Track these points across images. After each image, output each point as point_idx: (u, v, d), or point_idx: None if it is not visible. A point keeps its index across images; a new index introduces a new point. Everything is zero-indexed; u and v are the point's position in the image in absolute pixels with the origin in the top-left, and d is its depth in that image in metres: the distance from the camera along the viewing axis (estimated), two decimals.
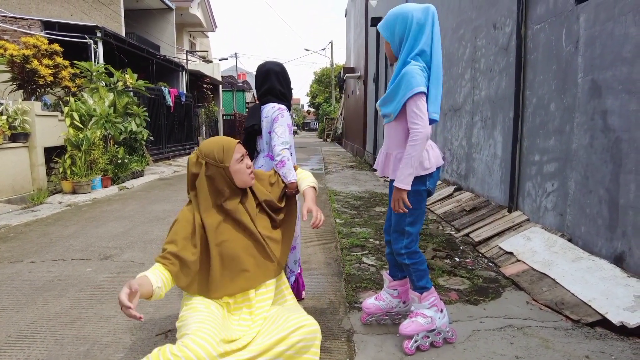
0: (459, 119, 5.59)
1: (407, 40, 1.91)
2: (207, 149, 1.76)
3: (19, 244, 3.98)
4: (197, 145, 16.64)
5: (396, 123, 1.98)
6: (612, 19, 2.76)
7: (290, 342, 1.54)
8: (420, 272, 2.02)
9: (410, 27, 1.89)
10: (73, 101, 7.10)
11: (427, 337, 2.04)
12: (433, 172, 1.98)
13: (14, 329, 2.29)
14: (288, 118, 2.31)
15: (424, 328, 2.01)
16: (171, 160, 12.17)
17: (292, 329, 1.56)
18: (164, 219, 4.98)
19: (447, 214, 4.79)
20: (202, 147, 1.79)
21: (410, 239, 2.00)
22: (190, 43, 21.68)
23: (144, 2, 14.89)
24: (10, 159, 5.99)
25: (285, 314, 1.65)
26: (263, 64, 2.48)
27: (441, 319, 2.05)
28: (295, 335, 1.55)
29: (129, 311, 1.35)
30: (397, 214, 1.97)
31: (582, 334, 2.20)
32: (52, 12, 12.17)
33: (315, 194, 1.98)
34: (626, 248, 2.60)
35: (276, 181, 2.00)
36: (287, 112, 2.33)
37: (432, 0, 6.62)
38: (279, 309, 1.76)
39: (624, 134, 2.65)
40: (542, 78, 3.59)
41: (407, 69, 1.86)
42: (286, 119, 2.29)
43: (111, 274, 3.15)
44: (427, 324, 2.01)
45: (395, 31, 1.93)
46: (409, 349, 2.01)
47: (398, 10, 1.93)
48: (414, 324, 2.01)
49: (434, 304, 2.04)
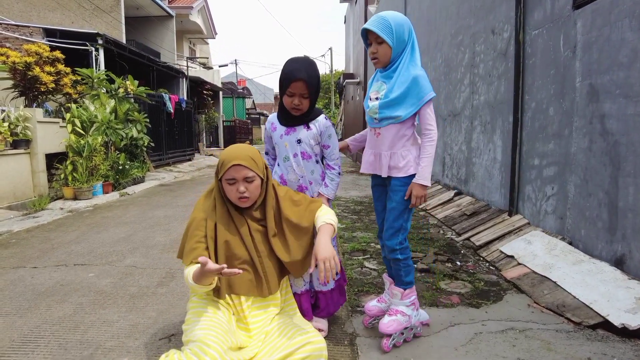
0: (458, 124, 5.62)
1: (410, 47, 1.99)
2: (221, 153, 1.76)
3: (21, 249, 3.99)
4: (198, 152, 16.70)
5: (399, 125, 2.02)
6: (608, 24, 2.80)
7: (296, 359, 1.55)
8: (409, 267, 2.10)
9: (412, 36, 2.00)
10: (74, 108, 7.14)
11: (402, 334, 2.12)
12: None
13: (18, 333, 2.30)
14: (265, 129, 2.23)
15: (403, 326, 2.08)
16: (172, 166, 12.20)
17: (299, 345, 1.56)
18: (165, 224, 4.99)
19: (448, 218, 4.81)
20: (226, 149, 1.78)
21: (405, 235, 2.07)
22: (191, 50, 21.79)
23: (144, 10, 15.00)
24: (12, 166, 6.01)
25: (293, 328, 1.64)
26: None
27: (416, 317, 2.15)
28: (301, 352, 1.55)
29: (225, 271, 1.43)
30: (397, 211, 2.04)
31: (584, 336, 2.21)
32: (53, 19, 12.25)
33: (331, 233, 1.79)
34: (626, 251, 2.62)
35: (299, 199, 1.95)
36: (266, 124, 2.23)
37: (431, 7, 6.63)
38: (285, 320, 1.75)
39: (622, 138, 2.68)
40: (540, 83, 3.63)
41: (420, 74, 1.95)
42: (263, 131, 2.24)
43: (113, 279, 3.16)
44: (405, 322, 2.08)
45: (402, 37, 1.96)
46: (387, 346, 2.06)
47: (401, 18, 1.98)
48: (395, 323, 2.05)
49: (414, 302, 2.14)
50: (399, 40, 1.96)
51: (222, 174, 1.69)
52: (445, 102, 6.13)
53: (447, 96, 6.08)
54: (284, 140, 2.12)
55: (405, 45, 1.98)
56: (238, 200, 1.71)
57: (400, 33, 1.95)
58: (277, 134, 2.14)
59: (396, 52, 1.98)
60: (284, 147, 2.13)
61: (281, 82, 2.01)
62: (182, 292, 2.87)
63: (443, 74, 6.25)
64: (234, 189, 1.69)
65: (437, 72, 6.53)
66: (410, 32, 1.99)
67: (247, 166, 1.68)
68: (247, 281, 1.72)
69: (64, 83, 7.37)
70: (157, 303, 2.69)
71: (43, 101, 7.48)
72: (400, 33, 1.95)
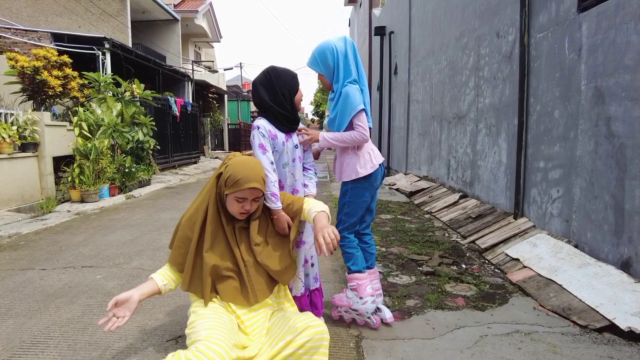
0: (463, 127, 5.62)
1: (337, 68, 2.24)
2: (232, 166, 1.71)
3: (30, 251, 4.04)
4: (203, 154, 16.78)
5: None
6: (613, 27, 2.80)
7: (299, 343, 1.56)
8: (348, 254, 2.35)
9: (337, 57, 2.23)
10: (82, 111, 7.21)
11: (349, 312, 2.37)
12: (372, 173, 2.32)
13: (28, 334, 2.33)
14: (258, 137, 2.02)
15: (345, 304, 2.35)
16: (177, 169, 12.27)
17: (300, 330, 1.58)
18: (171, 227, 5.03)
19: (453, 221, 4.81)
20: (232, 161, 1.74)
21: (344, 226, 2.36)
22: (196, 53, 21.94)
23: (150, 14, 15.13)
24: (20, 169, 6.08)
25: (292, 316, 1.68)
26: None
27: (359, 304, 2.30)
28: (303, 337, 1.57)
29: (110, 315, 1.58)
30: (339, 208, 2.41)
31: (590, 340, 2.21)
32: (61, 24, 12.40)
33: (327, 221, 1.77)
34: (633, 254, 2.61)
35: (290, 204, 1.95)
36: (257, 131, 2.03)
37: (436, 9, 6.65)
38: (284, 313, 1.77)
39: (628, 140, 2.67)
40: (545, 85, 3.63)
41: (346, 90, 2.20)
42: (256, 139, 2.02)
43: (121, 281, 3.19)
44: (347, 302, 2.35)
45: (327, 63, 2.25)
46: (334, 315, 2.43)
47: (323, 45, 2.26)
48: (339, 298, 2.40)
49: (354, 288, 2.32)
50: (325, 66, 2.26)
51: (233, 191, 1.67)
52: (450, 104, 6.13)
53: (452, 99, 6.08)
54: (286, 147, 2.13)
55: (334, 68, 2.24)
56: (239, 215, 1.73)
57: (324, 60, 2.25)
58: (280, 141, 2.10)
59: (329, 76, 2.28)
60: (286, 154, 2.13)
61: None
62: (188, 295, 2.89)
63: (448, 77, 6.25)
64: (239, 206, 1.70)
65: (442, 75, 6.54)
66: (333, 54, 2.22)
67: (260, 188, 1.71)
68: (232, 289, 1.74)
69: (71, 87, 7.46)
70: (164, 305, 2.71)
71: (51, 105, 7.58)
72: (324, 60, 2.25)
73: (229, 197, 1.71)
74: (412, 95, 8.39)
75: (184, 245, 1.78)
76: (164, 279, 1.78)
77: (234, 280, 1.75)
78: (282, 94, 2.10)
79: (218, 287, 1.74)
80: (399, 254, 3.77)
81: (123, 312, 1.62)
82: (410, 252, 3.80)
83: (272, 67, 2.16)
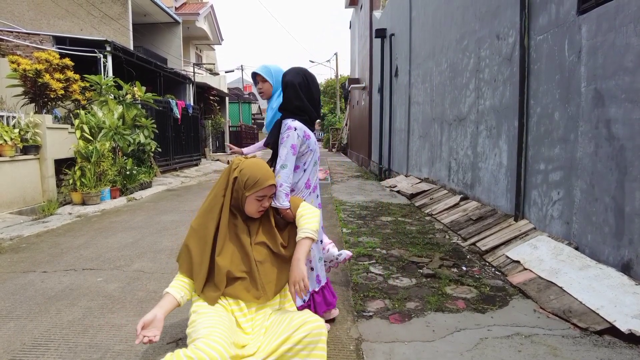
0: (463, 129, 5.63)
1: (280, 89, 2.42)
2: (247, 169, 1.77)
3: (31, 254, 4.05)
4: (204, 157, 16.80)
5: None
6: (613, 29, 2.80)
7: (296, 339, 1.58)
8: None
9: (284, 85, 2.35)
10: (83, 114, 7.24)
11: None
12: None
13: (29, 337, 2.34)
14: (293, 138, 2.12)
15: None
16: (178, 171, 12.28)
17: (297, 326, 1.60)
18: (172, 229, 5.04)
19: (454, 223, 4.80)
20: (245, 165, 1.79)
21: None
22: (197, 56, 21.99)
23: (151, 17, 15.19)
24: (22, 171, 6.10)
25: (289, 315, 1.70)
26: (285, 73, 2.31)
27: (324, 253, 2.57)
28: (300, 332, 1.59)
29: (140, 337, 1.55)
30: None
31: (591, 342, 2.20)
32: (62, 27, 12.44)
33: (307, 250, 1.80)
34: (633, 256, 2.61)
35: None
36: (293, 132, 2.13)
37: (436, 12, 6.67)
38: (283, 312, 1.80)
39: (628, 142, 2.67)
40: (545, 87, 3.63)
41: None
42: (291, 140, 2.11)
43: (121, 283, 3.19)
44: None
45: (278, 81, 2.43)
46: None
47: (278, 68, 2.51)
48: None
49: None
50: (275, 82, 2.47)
51: (254, 191, 1.76)
52: (451, 107, 6.14)
53: (452, 101, 6.08)
54: (317, 145, 2.34)
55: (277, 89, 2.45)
56: (257, 213, 1.81)
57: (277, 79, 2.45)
58: (313, 140, 2.29)
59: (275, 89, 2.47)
60: (317, 151, 2.33)
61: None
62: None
63: (448, 79, 6.26)
64: (258, 204, 1.79)
65: (442, 77, 6.55)
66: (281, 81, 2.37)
67: (275, 185, 1.86)
68: (242, 289, 1.76)
69: (73, 90, 7.48)
70: None
71: (52, 107, 7.60)
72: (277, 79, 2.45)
73: (249, 198, 1.77)
74: (412, 98, 8.40)
75: (195, 253, 1.78)
76: (180, 291, 1.76)
77: (244, 280, 1.78)
78: (315, 97, 2.31)
79: (227, 288, 1.77)
80: (399, 256, 3.77)
81: (153, 332, 1.59)
82: (410, 255, 3.80)
83: (306, 70, 2.33)
